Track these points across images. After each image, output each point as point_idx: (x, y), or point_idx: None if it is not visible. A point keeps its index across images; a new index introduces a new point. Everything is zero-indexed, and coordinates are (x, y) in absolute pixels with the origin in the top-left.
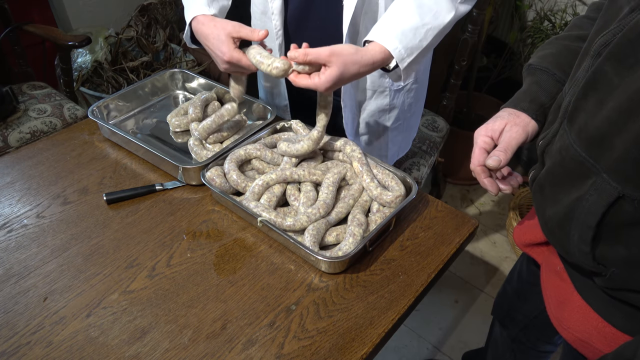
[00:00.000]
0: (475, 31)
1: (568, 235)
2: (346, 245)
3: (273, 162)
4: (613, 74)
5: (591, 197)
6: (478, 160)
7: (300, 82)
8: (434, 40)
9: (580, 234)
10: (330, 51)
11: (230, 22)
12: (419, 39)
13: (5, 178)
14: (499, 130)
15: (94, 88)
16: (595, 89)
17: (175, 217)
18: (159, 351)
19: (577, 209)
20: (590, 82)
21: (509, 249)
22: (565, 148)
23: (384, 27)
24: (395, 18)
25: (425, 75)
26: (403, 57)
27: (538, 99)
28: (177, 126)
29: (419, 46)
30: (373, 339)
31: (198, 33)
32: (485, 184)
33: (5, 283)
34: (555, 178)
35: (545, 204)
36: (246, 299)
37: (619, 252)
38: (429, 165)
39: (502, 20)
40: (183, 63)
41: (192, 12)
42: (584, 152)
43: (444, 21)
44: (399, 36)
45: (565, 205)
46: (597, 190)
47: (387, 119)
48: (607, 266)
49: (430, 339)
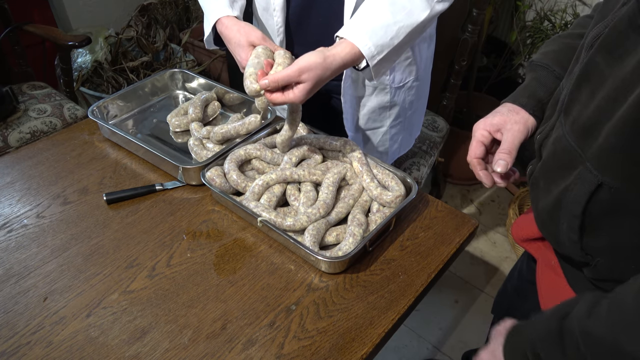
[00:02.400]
0: (475, 31)
1: (558, 225)
2: (346, 245)
3: (273, 162)
4: (604, 65)
5: (576, 186)
6: (474, 153)
7: (276, 100)
8: (407, 39)
9: (568, 223)
10: (299, 69)
11: (256, 30)
12: (390, 36)
13: (5, 178)
14: (497, 125)
15: (94, 88)
16: (588, 80)
17: (175, 217)
18: (159, 351)
19: (565, 198)
20: (583, 73)
21: (509, 249)
22: (559, 140)
23: (355, 24)
24: (367, 15)
25: (426, 73)
26: (373, 54)
27: (536, 95)
28: (177, 126)
29: (390, 44)
30: (373, 339)
31: (223, 35)
32: (481, 176)
33: (5, 283)
34: (548, 170)
35: (539, 197)
36: (246, 299)
37: (603, 241)
38: (429, 165)
39: (502, 20)
40: (183, 63)
41: (215, 13)
42: (574, 143)
43: (418, 19)
44: (369, 33)
45: (555, 195)
46: (581, 179)
47: (387, 115)
48: (594, 256)
49: (430, 339)
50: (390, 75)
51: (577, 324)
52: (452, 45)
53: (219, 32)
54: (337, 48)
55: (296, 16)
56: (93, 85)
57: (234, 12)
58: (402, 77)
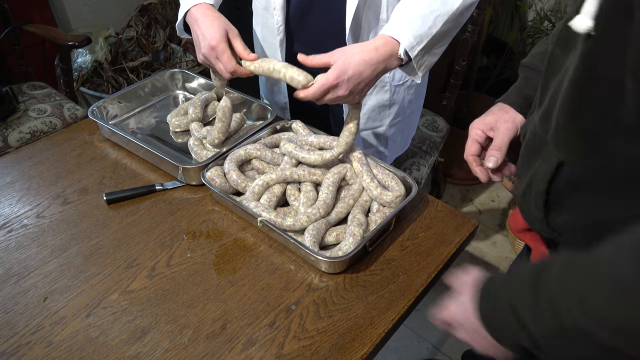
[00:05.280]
0: (475, 31)
1: (528, 205)
2: (346, 245)
3: (273, 162)
4: (560, 56)
5: (541, 166)
6: (470, 151)
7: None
8: (444, 28)
9: (534, 202)
10: (330, 52)
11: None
12: (428, 26)
13: (5, 178)
14: (489, 124)
15: (94, 88)
16: (552, 72)
17: (175, 217)
18: (159, 351)
19: (533, 180)
20: (548, 66)
21: (509, 249)
22: (532, 128)
23: (392, 20)
24: (403, 9)
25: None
26: (413, 45)
27: (523, 93)
28: (177, 126)
29: (429, 33)
30: (373, 339)
31: (192, 17)
32: (477, 172)
33: (5, 283)
34: (524, 157)
35: (520, 183)
36: (246, 299)
37: (565, 217)
38: (429, 165)
39: (502, 20)
40: (183, 63)
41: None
42: (540, 127)
43: (453, 7)
44: (406, 25)
45: (528, 178)
46: (545, 160)
47: (387, 114)
48: (560, 232)
49: (430, 339)
50: (390, 73)
51: (553, 278)
52: (452, 45)
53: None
54: (376, 42)
55: (296, 15)
56: (93, 85)
57: (209, 0)
58: (403, 75)
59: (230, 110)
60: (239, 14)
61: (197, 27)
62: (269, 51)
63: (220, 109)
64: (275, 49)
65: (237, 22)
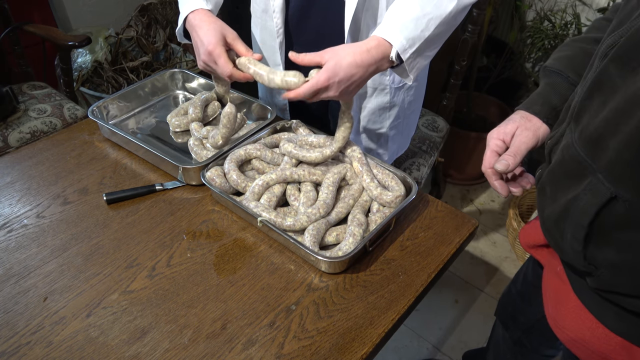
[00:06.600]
0: (475, 31)
1: (562, 234)
2: (346, 245)
3: (273, 162)
4: (616, 76)
5: (585, 196)
6: (489, 163)
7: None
8: (437, 31)
9: (573, 233)
10: (322, 51)
11: (231, 29)
12: (421, 29)
13: (5, 178)
14: (510, 133)
15: (94, 88)
16: (600, 90)
17: (175, 217)
18: (159, 351)
19: (572, 207)
20: (596, 83)
21: (509, 249)
22: (567, 147)
23: (385, 22)
24: (396, 11)
25: (424, 73)
26: (405, 47)
27: (550, 102)
28: (177, 126)
29: (421, 36)
30: (373, 339)
31: (191, 24)
32: (496, 186)
33: (5, 283)
34: (556, 177)
35: (545, 203)
36: (246, 299)
37: (608, 254)
38: (429, 165)
39: (502, 20)
40: (183, 63)
41: (189, 6)
42: (583, 152)
43: (446, 10)
44: (399, 27)
45: (561, 203)
46: (591, 190)
47: (387, 116)
48: (597, 267)
49: (430, 339)
50: (390, 76)
51: None
52: (452, 45)
53: (189, 21)
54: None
55: (295, 17)
56: (93, 85)
57: (207, 6)
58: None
59: (235, 117)
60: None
61: (195, 34)
62: (268, 54)
63: (225, 115)
64: (275, 51)
65: (237, 22)
